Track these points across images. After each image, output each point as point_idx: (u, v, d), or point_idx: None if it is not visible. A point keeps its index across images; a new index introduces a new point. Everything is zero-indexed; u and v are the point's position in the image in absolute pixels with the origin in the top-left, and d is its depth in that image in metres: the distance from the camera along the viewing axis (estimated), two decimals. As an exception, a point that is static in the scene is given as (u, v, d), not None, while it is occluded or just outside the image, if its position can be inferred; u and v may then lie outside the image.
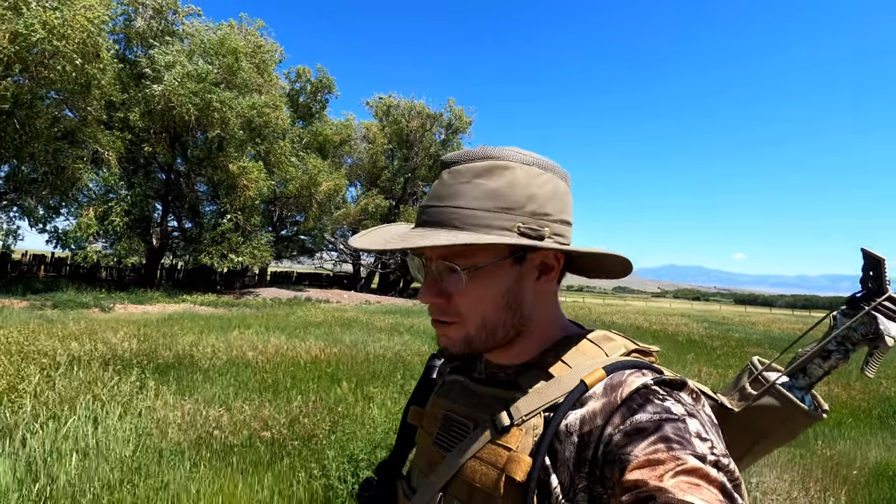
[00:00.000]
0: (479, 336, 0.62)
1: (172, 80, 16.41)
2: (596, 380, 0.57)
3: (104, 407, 3.09)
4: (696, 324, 18.10)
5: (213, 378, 4.53)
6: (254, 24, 24.25)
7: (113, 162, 17.44)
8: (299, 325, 9.89)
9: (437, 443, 0.67)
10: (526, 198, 0.58)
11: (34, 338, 5.92)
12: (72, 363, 4.48)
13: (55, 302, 14.68)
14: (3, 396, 2.78)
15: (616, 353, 0.61)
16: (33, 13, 13.15)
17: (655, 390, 0.54)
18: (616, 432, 0.51)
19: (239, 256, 20.33)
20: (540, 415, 0.57)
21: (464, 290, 0.60)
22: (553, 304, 0.66)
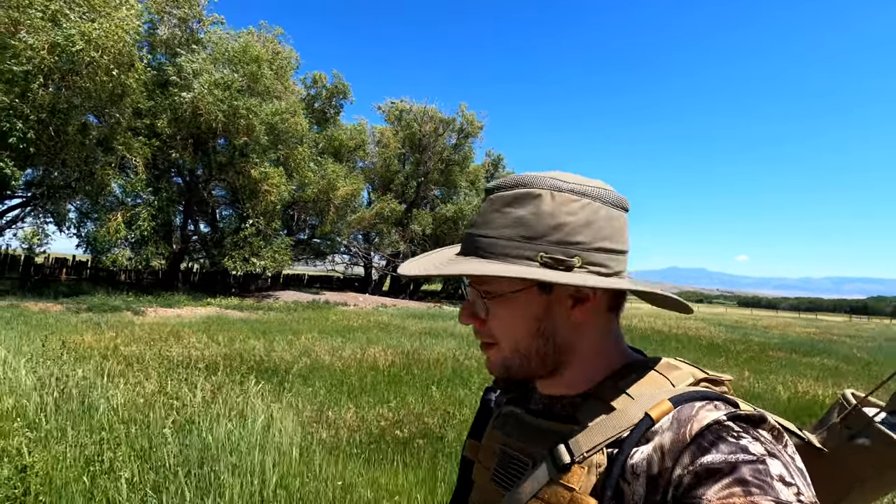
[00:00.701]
0: (513, 361, 0.62)
1: (201, 87, 16.78)
2: (662, 413, 0.53)
3: (244, 409, 3.39)
4: (712, 328, 18.35)
5: (311, 382, 4.84)
6: (273, 32, 24.67)
7: (140, 168, 17.82)
8: (342, 330, 10.20)
9: (494, 480, 0.65)
10: (551, 226, 0.57)
11: (124, 343, 6.23)
12: (183, 366, 4.79)
13: (89, 305, 15.02)
14: (159, 400, 3.08)
15: (683, 383, 0.58)
16: (73, 25, 13.53)
17: (729, 426, 0.50)
18: (686, 473, 0.48)
19: (261, 260, 20.69)
20: (602, 451, 0.54)
21: (492, 315, 0.61)
22: (603, 333, 0.63)
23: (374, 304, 24.65)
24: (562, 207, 0.57)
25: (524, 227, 0.57)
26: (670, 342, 12.76)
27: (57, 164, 15.77)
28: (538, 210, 0.58)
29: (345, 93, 29.55)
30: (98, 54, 13.86)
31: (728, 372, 9.22)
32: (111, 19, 14.18)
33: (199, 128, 18.89)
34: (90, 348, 5.11)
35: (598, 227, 0.58)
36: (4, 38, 13.25)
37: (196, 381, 3.83)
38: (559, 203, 0.57)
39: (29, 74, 13.51)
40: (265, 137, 19.01)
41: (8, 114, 13.60)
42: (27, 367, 3.86)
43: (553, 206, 0.57)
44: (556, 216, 0.57)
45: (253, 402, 3.47)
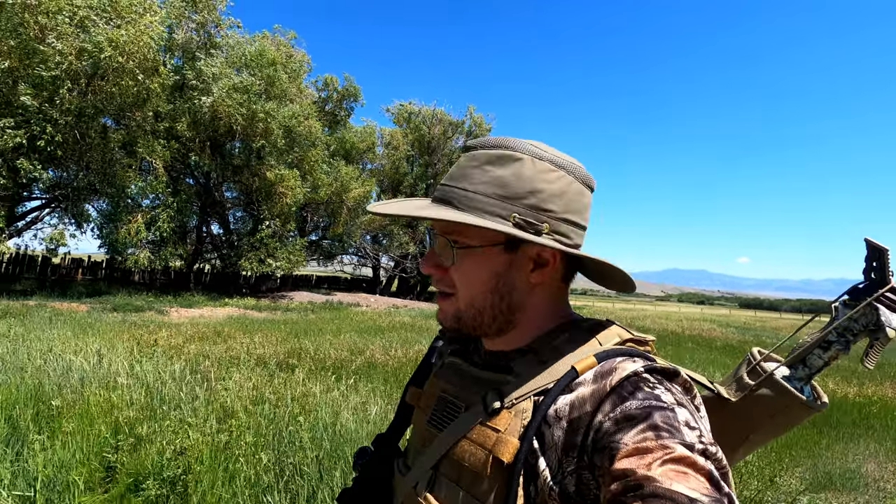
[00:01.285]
0: (467, 313, 0.64)
1: (220, 91, 17.08)
2: (587, 367, 0.57)
3: (342, 402, 3.63)
4: (723, 329, 18.60)
5: (374, 379, 5.10)
6: (287, 35, 24.97)
7: (160, 170, 18.13)
8: (372, 330, 10.49)
9: (430, 422, 0.68)
10: (528, 191, 0.60)
11: (185, 342, 6.49)
12: (256, 363, 5.04)
13: (114, 306, 15.31)
14: (266, 401, 3.32)
15: (610, 342, 0.61)
16: (101, 31, 13.84)
17: (646, 378, 0.54)
18: (606, 420, 0.52)
19: (276, 261, 20.99)
20: (530, 399, 0.58)
21: (456, 266, 0.63)
22: (552, 297, 0.67)
23: (385, 305, 24.92)
24: (540, 175, 0.61)
25: (502, 186, 0.60)
26: (686, 343, 13.02)
27: (81, 167, 16.07)
28: (518, 173, 0.60)
29: (356, 95, 29.87)
30: (124, 59, 14.16)
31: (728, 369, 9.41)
32: (136, 25, 14.49)
33: (216, 131, 19.22)
34: (155, 346, 5.39)
35: (568, 200, 0.62)
36: (34, 44, 13.57)
37: (283, 377, 4.09)
38: (538, 170, 0.61)
39: (57, 79, 13.81)
40: (282, 140, 19.31)
41: (37, 118, 13.92)
42: (130, 363, 4.13)
43: (532, 172, 0.61)
44: (533, 181, 0.60)
45: (346, 394, 3.72)
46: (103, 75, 14.72)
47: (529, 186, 0.60)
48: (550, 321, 0.66)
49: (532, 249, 0.63)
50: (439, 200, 0.64)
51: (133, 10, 15.12)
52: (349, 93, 29.64)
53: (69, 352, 4.75)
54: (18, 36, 13.45)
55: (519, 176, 0.60)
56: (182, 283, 24.86)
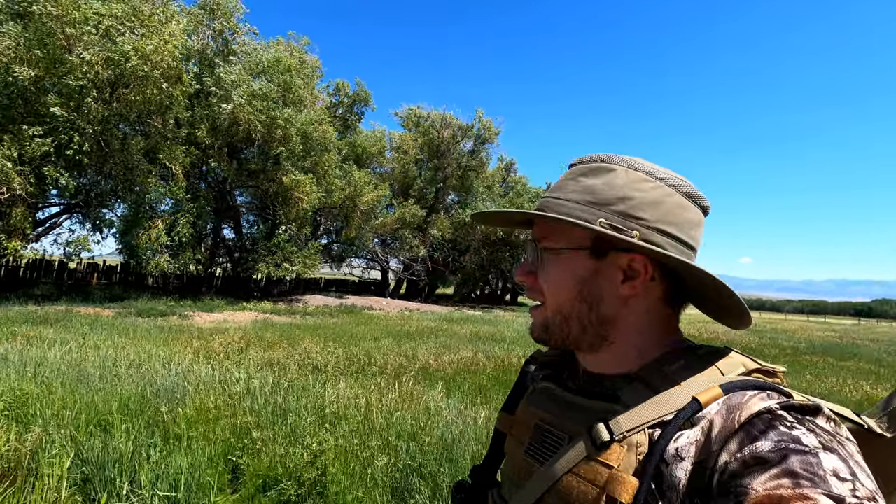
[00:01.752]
0: (554, 321, 0.63)
1: (241, 98, 17.30)
2: (711, 399, 0.52)
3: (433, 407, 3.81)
4: (736, 331, 18.72)
5: (432, 384, 5.28)
6: (300, 42, 25.22)
7: (180, 176, 18.34)
8: (402, 334, 10.69)
9: (528, 453, 0.65)
10: (618, 197, 0.59)
11: (244, 350, 6.67)
12: (320, 370, 5.23)
13: (138, 310, 15.50)
14: (372, 408, 3.50)
15: (734, 372, 0.56)
16: (127, 41, 14.07)
17: (782, 416, 0.48)
18: (732, 461, 0.46)
19: (293, 265, 21.20)
20: (644, 432, 0.53)
21: (544, 270, 0.63)
22: (652, 317, 0.63)
23: (398, 308, 25.11)
24: (633, 183, 0.60)
25: (592, 194, 0.60)
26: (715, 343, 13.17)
27: (104, 174, 16.29)
28: (609, 181, 0.60)
29: (366, 100, 30.12)
30: (149, 68, 14.39)
31: (802, 378, 9.43)
32: (161, 35, 14.72)
33: (233, 137, 19.44)
34: (214, 352, 5.57)
35: (664, 210, 0.59)
36: (61, 54, 13.79)
37: (370, 383, 4.28)
38: (632, 179, 0.60)
39: (84, 88, 14.04)
40: (300, 146, 19.55)
41: (65, 126, 14.13)
42: (219, 370, 4.31)
43: (625, 181, 0.60)
44: (625, 189, 0.59)
45: (436, 400, 3.90)
46: (127, 83, 14.95)
47: (620, 193, 0.59)
48: (658, 345, 0.62)
49: (622, 259, 0.60)
50: (536, 208, 0.65)
51: (156, 19, 15.36)
52: (360, 97, 29.90)
53: (145, 359, 4.94)
54: (46, 46, 13.68)
55: (610, 184, 0.60)
56: (194, 287, 25.09)
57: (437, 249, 32.57)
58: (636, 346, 0.62)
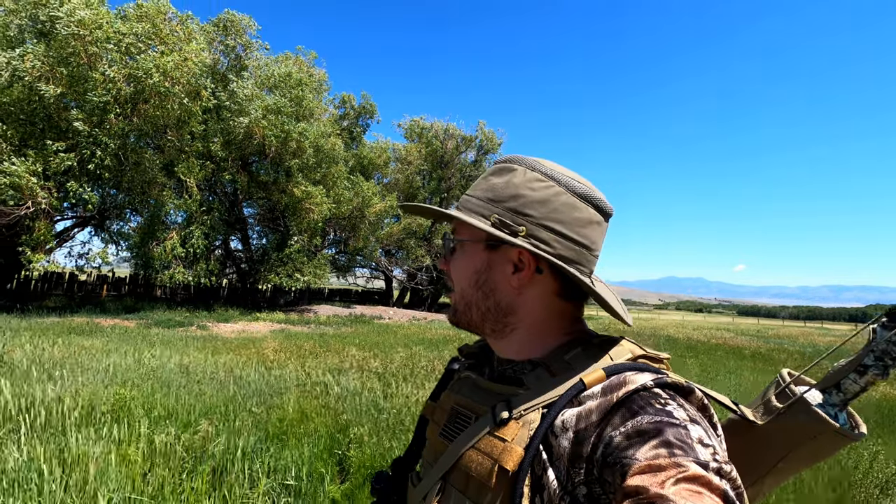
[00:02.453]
0: (460, 305, 0.70)
1: (256, 113, 17.70)
2: (595, 380, 0.58)
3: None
4: (742, 337, 19.13)
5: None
6: (308, 56, 25.73)
7: (194, 189, 18.67)
8: (430, 342, 11.00)
9: (442, 434, 0.70)
10: (511, 195, 0.64)
11: (292, 358, 6.95)
12: (391, 376, 5.52)
13: (157, 321, 15.73)
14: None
15: (622, 358, 0.62)
16: (149, 58, 14.46)
17: (657, 393, 0.54)
18: (616, 433, 0.51)
19: (304, 276, 21.49)
20: (538, 410, 0.59)
21: (453, 260, 0.70)
22: (549, 310, 0.67)
23: (406, 318, 25.38)
24: (527, 183, 0.64)
25: (492, 191, 0.66)
26: (716, 352, 13.53)
27: (121, 188, 16.61)
28: (508, 181, 0.65)
29: (372, 112, 30.65)
30: (170, 84, 14.77)
31: (763, 378, 9.63)
32: (182, 52, 15.12)
33: (245, 150, 19.82)
34: (267, 359, 5.86)
35: (552, 208, 0.63)
36: (85, 72, 14.16)
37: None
38: (527, 179, 0.64)
39: (107, 105, 14.39)
40: (313, 159, 19.94)
41: (87, 141, 14.47)
42: (301, 375, 4.61)
43: (521, 180, 0.64)
44: (518, 188, 0.64)
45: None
46: (146, 99, 15.32)
47: (514, 192, 0.64)
48: (558, 335, 0.67)
49: (512, 252, 0.65)
50: (457, 205, 0.71)
51: (175, 37, 15.77)
52: (365, 110, 30.41)
53: (207, 366, 5.23)
54: (69, 64, 14.05)
55: (508, 183, 0.65)
56: (203, 298, 25.33)
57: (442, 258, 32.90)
58: (538, 334, 0.67)
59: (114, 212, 16.93)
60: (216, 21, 19.61)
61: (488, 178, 0.68)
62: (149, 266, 18.41)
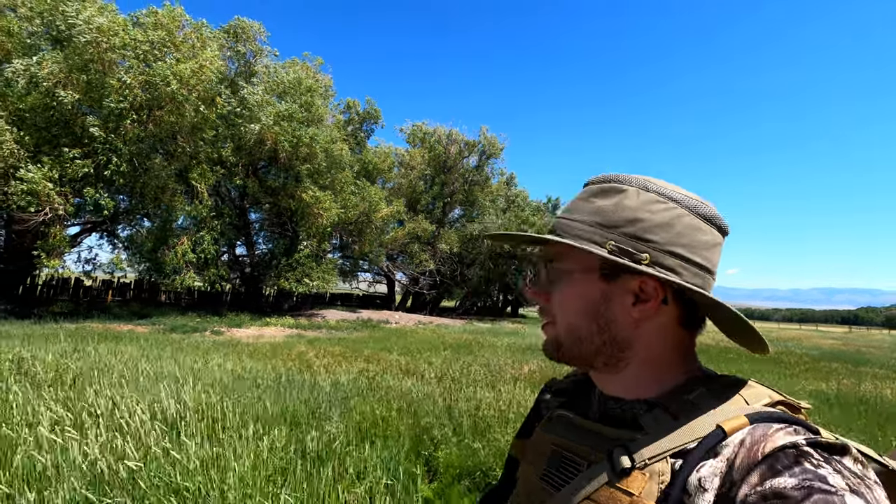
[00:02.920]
0: (566, 340, 0.62)
1: (268, 119, 17.82)
2: (736, 427, 0.50)
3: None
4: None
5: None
6: (314, 62, 25.88)
7: (205, 195, 18.75)
8: (454, 346, 11.15)
9: (544, 479, 0.63)
10: (628, 219, 0.58)
11: (335, 363, 7.05)
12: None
13: (171, 327, 15.76)
14: (502, 404, 3.96)
15: (759, 402, 0.54)
16: (166, 65, 14.57)
17: (808, 452, 0.46)
18: (752, 493, 0.44)
19: (313, 281, 21.58)
20: (666, 460, 0.52)
21: (556, 290, 0.63)
22: (668, 343, 0.61)
23: (412, 322, 25.50)
24: (644, 205, 0.59)
25: (601, 215, 0.59)
26: (728, 353, 13.72)
27: (134, 193, 16.67)
28: (620, 203, 0.59)
29: (376, 118, 30.81)
30: (187, 92, 14.89)
31: (799, 384, 9.87)
32: (197, 61, 15.24)
33: (255, 156, 19.94)
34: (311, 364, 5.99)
35: (676, 232, 0.58)
36: (101, 77, 14.24)
37: (501, 389, 4.72)
38: (643, 201, 0.59)
39: (123, 111, 14.48)
40: (323, 164, 20.08)
41: (103, 148, 14.53)
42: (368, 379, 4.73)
43: (636, 202, 0.59)
44: (635, 211, 0.58)
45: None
46: (161, 105, 15.42)
47: (630, 216, 0.58)
48: (677, 371, 0.61)
49: (633, 282, 0.59)
50: (550, 231, 0.65)
51: (189, 44, 15.88)
52: (370, 115, 30.59)
53: (257, 372, 5.35)
54: (87, 71, 14.13)
55: (621, 206, 0.59)
56: (208, 303, 25.34)
57: (444, 263, 33.12)
58: (653, 370, 0.61)
59: (126, 217, 16.96)
60: (227, 28, 19.75)
61: (591, 201, 0.62)
62: (160, 271, 18.45)
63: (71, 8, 13.77)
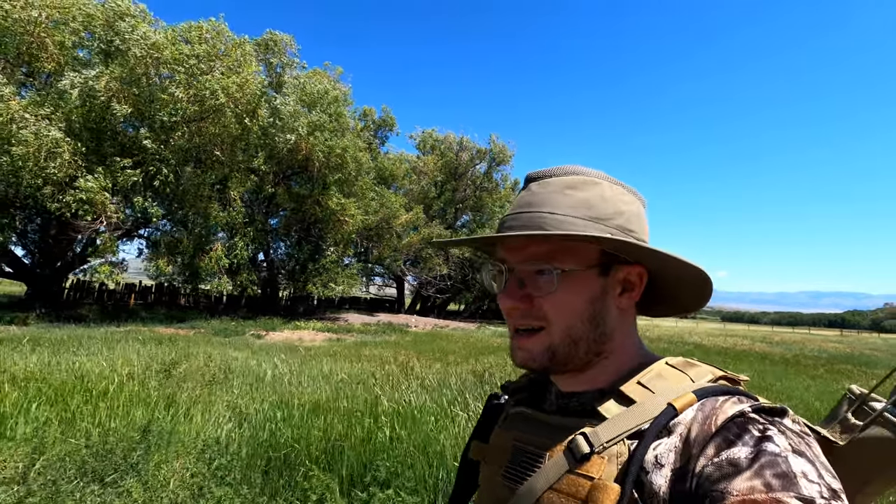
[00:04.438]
0: (562, 346, 0.60)
1: (304, 129, 18.50)
2: (686, 404, 0.53)
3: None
4: (759, 344, 20.34)
5: None
6: (335, 72, 26.57)
7: (238, 202, 19.36)
8: (494, 349, 11.90)
9: (506, 476, 0.63)
10: (615, 211, 0.60)
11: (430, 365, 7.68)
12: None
13: (214, 330, 16.29)
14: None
15: (703, 379, 0.57)
16: (214, 79, 15.20)
17: (754, 418, 0.50)
18: (709, 464, 0.47)
19: (338, 286, 22.22)
20: (623, 442, 0.53)
21: (552, 293, 0.59)
22: (633, 328, 0.64)
23: (430, 325, 26.18)
24: (618, 196, 0.62)
25: (591, 208, 0.59)
26: (748, 357, 14.59)
27: (176, 201, 17.26)
28: (601, 195, 0.60)
29: (391, 126, 31.56)
30: (234, 105, 15.54)
31: (832, 385, 10.43)
32: (242, 75, 15.90)
33: (284, 164, 20.58)
34: (412, 369, 6.66)
35: (641, 223, 0.63)
36: (156, 92, 14.85)
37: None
38: (616, 193, 0.62)
39: (175, 124, 15.09)
40: (354, 173, 20.75)
41: (153, 158, 15.13)
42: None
43: (612, 194, 0.61)
44: (616, 203, 0.61)
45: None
46: (207, 117, 16.05)
47: (615, 207, 0.60)
48: (632, 357, 0.63)
49: (621, 272, 0.61)
50: (525, 228, 0.60)
51: (233, 59, 16.53)
52: (385, 123, 31.34)
53: (355, 374, 6.03)
54: (139, 85, 14.73)
55: (603, 198, 0.60)
56: (228, 307, 25.92)
57: (454, 267, 33.86)
58: (618, 359, 0.63)
59: (167, 224, 17.54)
60: (259, 41, 20.38)
61: (570, 194, 0.61)
62: (196, 276, 19.00)
63: (127, 24, 14.36)
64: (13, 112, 13.16)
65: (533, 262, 0.60)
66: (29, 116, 13.37)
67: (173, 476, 2.61)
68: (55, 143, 13.31)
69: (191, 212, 17.45)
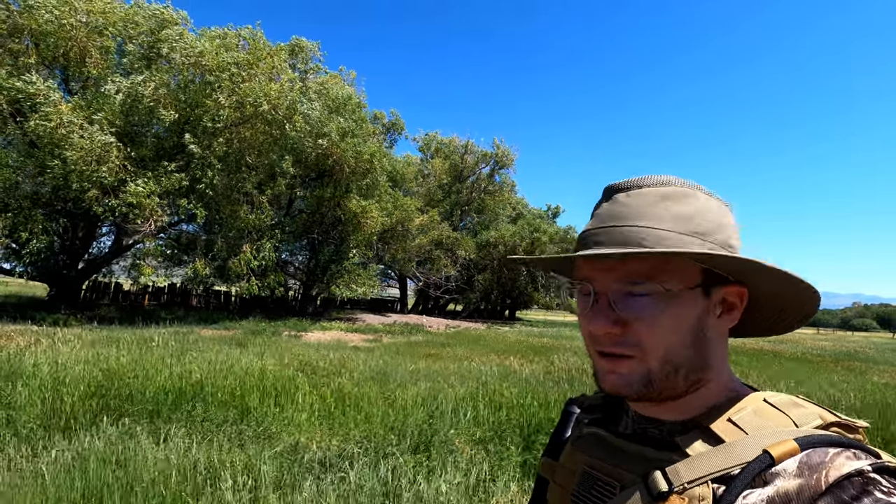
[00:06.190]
0: (661, 374, 0.54)
1: (333, 135, 18.99)
2: (785, 453, 0.46)
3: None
4: (766, 342, 21.35)
5: None
6: (349, 76, 27.05)
7: (266, 206, 19.73)
8: (522, 348, 12.62)
9: (574, 501, 0.60)
10: (717, 226, 0.55)
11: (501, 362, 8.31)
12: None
13: (250, 331, 16.62)
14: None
15: (809, 424, 0.50)
16: (257, 86, 15.62)
17: (876, 480, 0.43)
18: None
19: (359, 287, 22.73)
20: (707, 485, 0.48)
21: (653, 315, 0.54)
22: (726, 354, 0.58)
23: (443, 325, 26.79)
24: (718, 209, 0.57)
25: (690, 222, 0.54)
26: (764, 355, 15.48)
27: (215, 204, 17.61)
28: (699, 208, 0.55)
29: (401, 129, 32.14)
30: (275, 112, 15.98)
31: (850, 384, 11.07)
32: (282, 83, 16.35)
33: (311, 168, 20.99)
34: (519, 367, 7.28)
35: (738, 237, 0.57)
36: (201, 99, 15.21)
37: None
38: (714, 206, 0.56)
39: (218, 129, 15.47)
40: (380, 177, 21.28)
41: (197, 162, 15.48)
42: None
43: (711, 207, 0.56)
44: (717, 217, 0.56)
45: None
46: (246, 122, 16.45)
47: (717, 221, 0.55)
48: (725, 389, 0.57)
49: (721, 292, 0.56)
50: (612, 244, 0.55)
51: (270, 66, 16.95)
52: (395, 126, 31.90)
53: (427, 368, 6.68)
54: (186, 91, 15.08)
55: (704, 211, 0.55)
56: (241, 308, 26.16)
57: (464, 268, 34.60)
58: (714, 390, 0.57)
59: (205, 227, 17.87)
60: (285, 46, 20.76)
61: (664, 207, 0.55)
62: (226, 278, 19.30)
63: (174, 31, 14.69)
64: (63, 116, 13.40)
65: (630, 283, 0.54)
66: (76, 121, 13.61)
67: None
68: (106, 148, 13.59)
69: (226, 213, 17.81)
